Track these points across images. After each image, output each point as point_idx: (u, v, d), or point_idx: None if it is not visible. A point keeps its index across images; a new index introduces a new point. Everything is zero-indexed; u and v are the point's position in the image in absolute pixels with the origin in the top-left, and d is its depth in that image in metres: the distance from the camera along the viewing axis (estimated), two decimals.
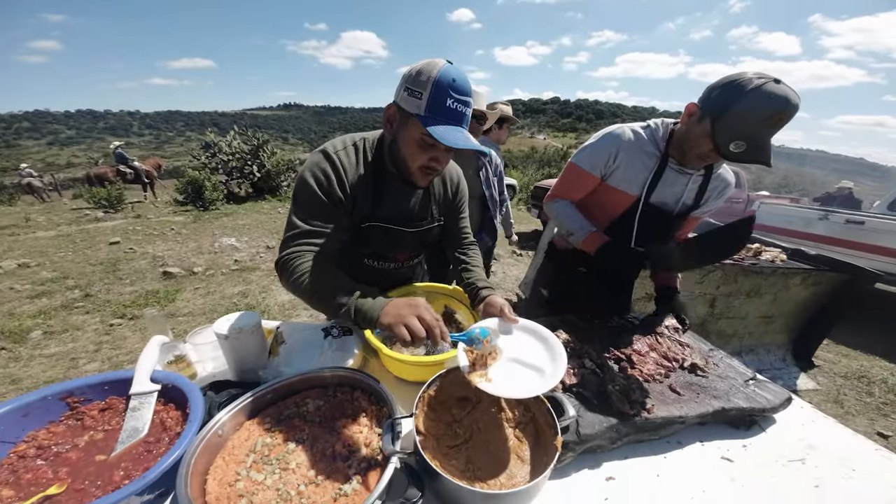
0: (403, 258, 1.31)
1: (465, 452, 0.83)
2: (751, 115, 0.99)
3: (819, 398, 2.98)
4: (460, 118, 0.91)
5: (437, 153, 0.97)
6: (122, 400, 0.92)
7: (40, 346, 3.22)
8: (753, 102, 0.98)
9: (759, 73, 1.00)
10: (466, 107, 0.91)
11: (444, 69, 0.88)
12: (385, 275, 1.33)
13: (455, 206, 1.30)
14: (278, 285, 4.65)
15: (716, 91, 1.07)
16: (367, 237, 1.15)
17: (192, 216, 8.54)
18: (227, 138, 11.16)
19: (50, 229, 7.33)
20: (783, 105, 0.96)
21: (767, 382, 1.13)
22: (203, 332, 1.19)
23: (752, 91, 0.97)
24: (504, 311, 1.02)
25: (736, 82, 1.01)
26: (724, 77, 1.07)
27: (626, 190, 1.34)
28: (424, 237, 1.26)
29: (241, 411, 0.88)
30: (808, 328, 3.18)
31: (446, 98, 0.87)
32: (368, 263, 1.28)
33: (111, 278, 4.72)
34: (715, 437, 1.01)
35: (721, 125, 1.05)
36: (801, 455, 0.97)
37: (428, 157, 0.98)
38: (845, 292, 2.94)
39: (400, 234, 1.18)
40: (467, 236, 1.36)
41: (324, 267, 0.99)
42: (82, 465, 0.79)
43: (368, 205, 1.09)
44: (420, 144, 0.96)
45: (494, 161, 2.55)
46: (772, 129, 1.01)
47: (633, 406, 0.95)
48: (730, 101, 1.02)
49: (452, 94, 0.87)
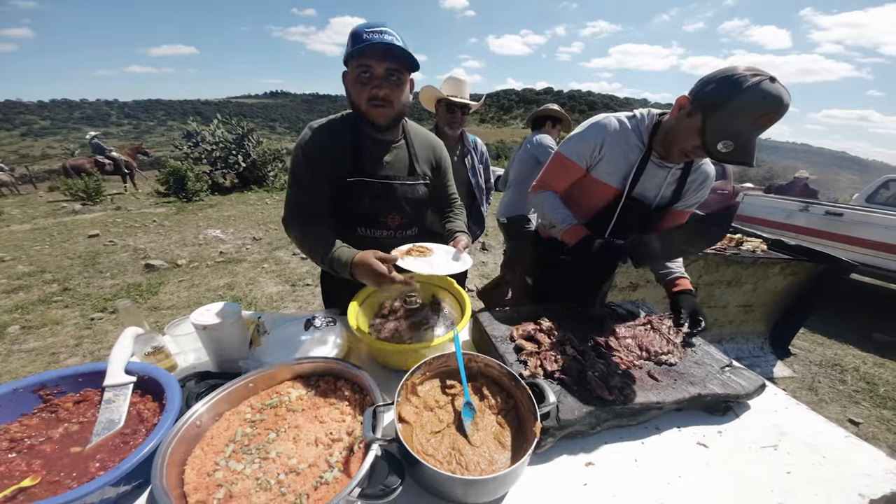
0: (394, 223, 1.34)
1: (448, 438, 0.84)
2: (744, 112, 0.97)
3: (794, 385, 3.08)
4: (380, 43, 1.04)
5: (375, 81, 1.09)
6: (98, 392, 0.90)
7: (18, 341, 3.13)
8: (748, 99, 0.96)
9: (754, 70, 0.98)
10: (386, 34, 1.04)
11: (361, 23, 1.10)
12: (378, 245, 1.32)
13: (440, 171, 1.44)
14: (265, 277, 4.60)
15: (710, 85, 1.03)
16: (356, 194, 1.25)
17: (176, 207, 8.35)
18: (210, 127, 10.88)
19: (25, 223, 7.09)
20: (776, 104, 0.95)
21: (743, 369, 1.15)
22: (182, 324, 1.17)
23: (748, 88, 0.95)
24: (460, 245, 1.26)
25: (732, 77, 0.98)
26: (718, 70, 1.04)
27: (609, 182, 1.34)
28: (411, 194, 1.34)
29: (221, 402, 0.87)
30: (785, 317, 3.27)
31: (361, 34, 1.04)
32: (361, 232, 1.33)
33: (91, 272, 4.60)
34: (691, 422, 1.03)
35: (713, 122, 1.02)
36: (774, 441, 0.99)
37: (370, 88, 1.10)
38: (822, 282, 3.03)
39: (387, 189, 1.27)
40: (454, 200, 1.52)
41: (314, 225, 1.19)
42: (57, 458, 0.78)
43: (349, 161, 1.22)
44: (359, 80, 1.10)
45: (480, 148, 2.53)
46: (760, 129, 0.99)
47: (611, 392, 0.97)
48: (725, 97, 0.99)
49: (365, 31, 1.04)
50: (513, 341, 1.17)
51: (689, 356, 1.19)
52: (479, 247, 5.66)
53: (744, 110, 0.97)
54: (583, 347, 1.13)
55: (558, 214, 1.41)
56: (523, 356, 1.09)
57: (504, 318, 1.31)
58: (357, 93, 1.12)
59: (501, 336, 1.20)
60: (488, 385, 0.98)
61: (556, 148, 2.66)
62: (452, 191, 1.50)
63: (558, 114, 2.95)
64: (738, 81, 0.97)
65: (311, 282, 4.44)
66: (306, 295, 4.18)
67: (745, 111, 0.98)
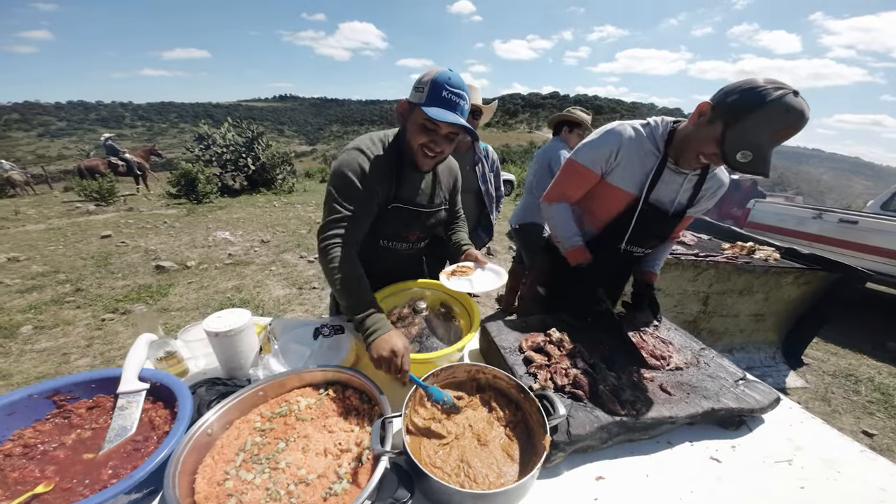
0: (414, 238, 1.43)
1: (457, 450, 0.83)
2: (766, 124, 0.98)
3: (807, 396, 3.01)
4: (454, 107, 1.09)
5: (435, 136, 1.14)
6: (110, 398, 0.91)
7: (31, 342, 3.18)
8: (772, 112, 0.96)
9: (777, 83, 0.98)
10: (460, 98, 1.10)
11: (442, 71, 1.11)
12: (396, 255, 1.45)
13: (454, 189, 1.53)
14: (273, 280, 4.63)
15: (733, 95, 1.03)
16: (389, 217, 1.31)
17: (186, 209, 8.45)
18: (221, 130, 11.02)
19: (40, 222, 7.21)
20: (798, 119, 0.96)
21: (757, 383, 1.14)
22: (195, 329, 1.18)
23: (772, 101, 0.95)
24: (478, 258, 1.37)
25: (757, 90, 0.98)
26: (742, 81, 1.04)
27: (625, 188, 1.33)
28: (434, 218, 1.43)
29: (231, 410, 0.87)
30: (798, 327, 3.20)
31: (442, 90, 1.08)
32: (384, 244, 1.40)
33: (103, 272, 4.67)
34: (704, 437, 1.02)
35: (733, 132, 1.03)
36: (788, 456, 0.97)
37: (428, 139, 1.14)
38: (836, 292, 2.97)
39: (416, 213, 1.35)
40: (459, 213, 1.62)
41: (352, 266, 1.15)
42: (69, 464, 0.78)
43: (392, 189, 1.26)
44: (420, 128, 1.14)
45: (491, 156, 2.51)
46: (778, 142, 1.00)
47: (623, 406, 0.96)
48: (748, 109, 0.99)
49: (447, 87, 1.08)
50: (522, 352, 1.16)
51: (703, 369, 1.18)
52: (485, 252, 5.65)
53: (766, 122, 0.98)
54: (593, 360, 1.12)
55: (565, 231, 1.46)
56: (533, 368, 1.08)
57: (513, 327, 1.31)
58: (414, 135, 1.16)
59: (510, 347, 1.19)
60: (496, 397, 0.97)
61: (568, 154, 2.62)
62: (458, 206, 1.59)
63: (576, 118, 2.87)
64: (762, 94, 0.97)
65: (317, 285, 4.47)
66: (313, 298, 4.20)
67: (767, 123, 0.98)
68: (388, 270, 1.46)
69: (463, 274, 1.30)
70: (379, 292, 1.39)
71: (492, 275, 1.29)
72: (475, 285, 1.23)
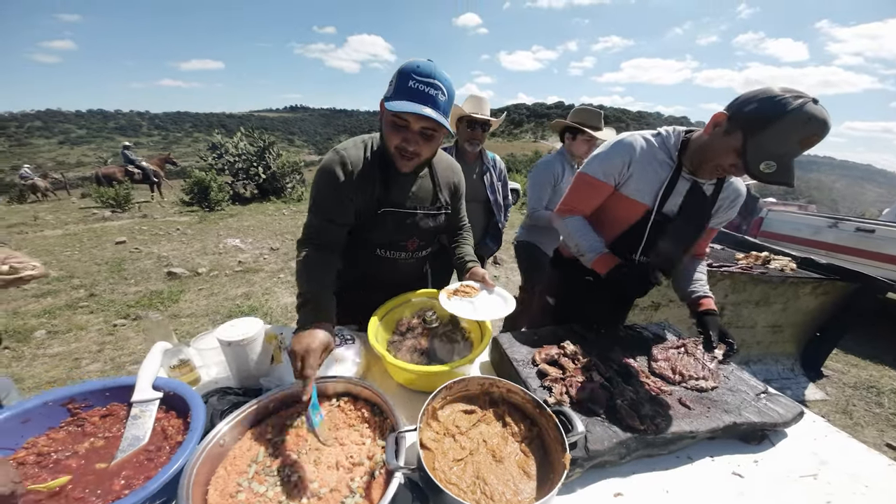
0: (413, 246, 1.36)
1: (472, 466, 0.81)
2: (788, 133, 0.96)
3: (827, 409, 2.93)
4: (424, 98, 0.99)
5: (407, 134, 1.05)
6: (124, 406, 0.91)
7: (44, 346, 3.22)
8: (793, 121, 0.94)
9: (795, 91, 0.96)
10: (430, 87, 0.99)
11: (411, 60, 1.02)
12: (395, 265, 1.37)
13: (457, 193, 1.43)
14: (281, 287, 4.65)
15: (751, 105, 1.01)
16: (382, 223, 1.24)
17: (198, 217, 8.58)
18: (233, 140, 11.22)
19: (58, 228, 7.38)
20: (821, 126, 0.94)
21: (779, 396, 1.10)
22: (207, 337, 1.18)
23: (792, 111, 0.93)
24: (486, 278, 1.29)
25: (776, 99, 0.96)
26: (758, 91, 1.02)
27: (639, 199, 1.31)
28: (433, 222, 1.35)
29: (244, 420, 0.87)
30: (817, 338, 3.13)
31: (408, 80, 0.99)
32: (381, 254, 1.33)
33: (116, 278, 4.74)
34: (725, 451, 0.99)
35: (755, 142, 1.00)
36: (813, 470, 0.95)
37: (400, 138, 1.06)
38: (855, 302, 2.90)
39: (411, 217, 1.27)
40: (463, 223, 1.53)
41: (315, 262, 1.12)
42: (82, 473, 0.78)
43: (378, 192, 1.19)
44: (391, 126, 1.06)
45: (499, 166, 2.53)
46: (803, 150, 0.97)
47: (642, 421, 0.93)
48: (768, 119, 0.97)
49: (414, 77, 0.98)
50: (535, 365, 1.14)
51: (723, 383, 1.14)
52: (492, 261, 5.62)
53: (788, 132, 0.95)
54: (610, 374, 1.09)
55: (587, 242, 1.38)
56: (547, 382, 1.06)
57: (525, 339, 1.29)
58: (388, 135, 1.08)
59: (523, 360, 1.17)
60: (510, 412, 0.95)
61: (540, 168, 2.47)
62: (463, 213, 1.50)
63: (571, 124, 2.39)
64: (782, 103, 0.94)
65: None
66: None
67: (789, 133, 0.95)
68: (389, 282, 1.41)
69: (466, 295, 1.22)
70: (389, 302, 1.38)
71: (499, 301, 1.21)
72: (478, 311, 1.15)
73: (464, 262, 1.40)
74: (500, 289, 1.26)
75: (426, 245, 1.42)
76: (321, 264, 1.12)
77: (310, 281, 1.07)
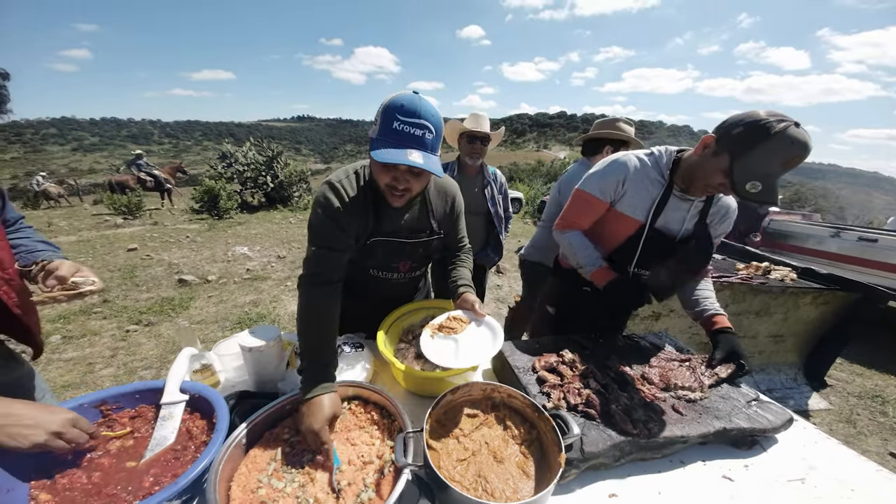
0: (405, 268, 1.37)
1: (474, 466, 0.87)
2: (772, 156, 1.02)
3: (831, 418, 2.93)
4: (410, 139, 0.95)
5: (396, 173, 1.02)
6: (152, 408, 0.98)
7: (59, 351, 3.31)
8: (777, 145, 1.01)
9: (779, 115, 1.03)
10: (416, 128, 0.95)
11: (395, 96, 0.97)
12: (388, 284, 1.40)
13: (454, 220, 1.39)
14: (288, 295, 4.73)
15: (737, 129, 1.08)
16: (372, 251, 1.25)
17: (207, 224, 8.74)
18: (242, 149, 11.44)
19: (71, 234, 7.55)
20: (802, 148, 1.01)
21: (771, 403, 1.15)
22: (226, 343, 1.25)
23: (776, 135, 1.00)
24: (475, 307, 1.20)
25: (760, 123, 1.03)
26: (744, 115, 1.09)
27: (632, 215, 1.38)
28: (425, 248, 1.34)
29: (263, 422, 0.94)
30: (819, 347, 3.13)
31: (392, 120, 0.94)
32: (374, 273, 1.36)
33: (128, 284, 4.85)
34: (716, 456, 1.03)
35: (741, 164, 1.07)
36: (802, 475, 0.99)
37: (390, 177, 1.03)
38: (857, 311, 2.91)
39: (401, 245, 1.27)
40: (463, 244, 1.47)
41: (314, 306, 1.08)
42: (113, 472, 0.84)
43: (371, 223, 1.19)
44: (379, 166, 1.03)
45: (499, 179, 2.65)
46: (786, 171, 1.04)
47: (636, 425, 0.98)
48: (753, 143, 1.04)
49: (399, 117, 0.93)
50: (535, 372, 1.20)
51: (715, 391, 1.19)
52: (494, 270, 5.68)
53: (772, 154, 1.02)
54: (606, 381, 1.15)
55: (585, 256, 1.45)
56: (546, 388, 1.11)
57: (525, 348, 1.34)
58: (377, 174, 1.06)
59: (524, 367, 1.23)
60: (510, 416, 1.01)
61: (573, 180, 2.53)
62: (462, 234, 1.45)
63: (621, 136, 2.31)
64: (766, 128, 1.01)
65: None
66: None
67: (773, 155, 1.02)
68: (382, 298, 1.45)
69: (451, 331, 1.15)
70: (395, 311, 1.45)
71: (486, 336, 1.13)
72: (460, 356, 1.06)
73: (456, 287, 1.33)
74: (490, 319, 1.19)
75: (419, 266, 1.44)
76: (320, 308, 1.08)
77: (308, 335, 1.05)
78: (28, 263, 1.04)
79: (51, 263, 1.03)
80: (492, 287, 5.14)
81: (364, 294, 1.41)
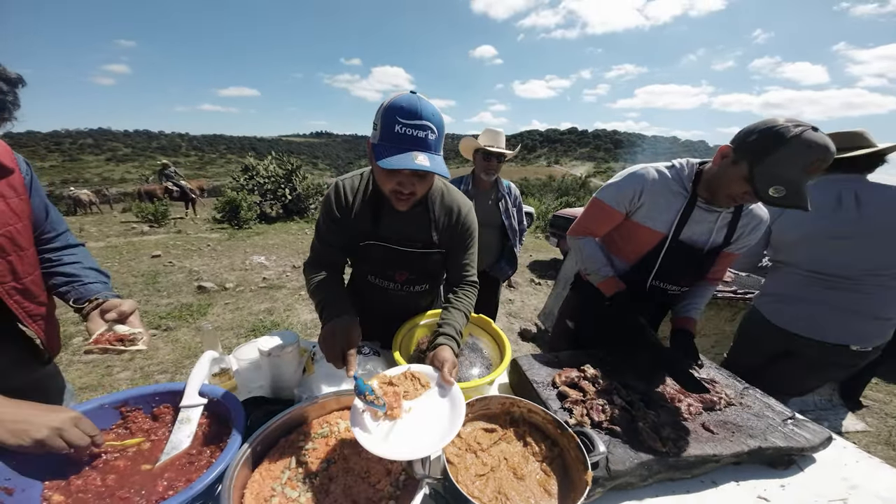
0: (401, 279, 1.33)
1: (493, 482, 0.84)
2: (791, 161, 1.01)
3: (868, 440, 2.77)
4: (413, 141, 0.92)
5: (401, 178, 1.00)
6: (170, 410, 0.98)
7: (79, 352, 3.38)
8: (794, 150, 1.00)
9: (795, 121, 1.02)
10: (418, 129, 0.91)
11: (395, 98, 0.93)
12: (384, 293, 1.38)
13: (459, 238, 1.28)
14: (302, 304, 4.77)
15: (753, 136, 1.08)
16: (367, 254, 1.28)
17: (227, 234, 8.96)
18: (264, 162, 11.80)
19: (100, 240, 7.84)
20: (823, 152, 0.98)
21: (807, 422, 1.09)
22: (245, 348, 1.25)
23: (792, 139, 0.99)
24: (445, 371, 0.93)
25: (775, 129, 1.02)
26: (760, 122, 1.09)
27: (653, 227, 1.35)
28: (423, 261, 1.29)
29: (278, 428, 0.92)
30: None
31: (394, 124, 0.90)
32: (371, 280, 1.37)
33: (150, 290, 4.97)
34: (751, 476, 0.98)
35: (760, 170, 1.05)
36: (843, 495, 0.93)
37: (395, 182, 1.01)
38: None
39: (396, 252, 1.25)
40: (468, 275, 1.33)
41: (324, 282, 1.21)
42: (129, 474, 0.83)
43: (368, 225, 1.23)
44: (384, 172, 1.00)
45: (514, 193, 2.65)
46: (810, 175, 1.02)
47: (664, 443, 0.93)
48: (769, 148, 1.03)
49: (400, 120, 0.90)
50: (555, 387, 1.15)
51: (747, 409, 1.13)
52: (506, 284, 5.62)
53: (790, 159, 1.01)
54: (631, 398, 1.10)
55: (595, 263, 1.47)
56: (567, 404, 1.07)
57: (544, 362, 1.30)
58: (381, 180, 1.06)
59: (543, 382, 1.19)
60: (531, 432, 0.97)
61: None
62: (468, 262, 1.32)
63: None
64: (782, 132, 1.01)
65: None
66: None
67: (792, 159, 1.00)
68: (378, 309, 1.41)
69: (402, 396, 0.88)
70: (409, 321, 1.43)
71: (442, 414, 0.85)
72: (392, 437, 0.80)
73: (436, 335, 1.13)
74: (457, 390, 0.89)
75: (417, 280, 1.35)
76: (327, 278, 1.22)
77: (321, 290, 1.17)
78: (81, 299, 1.04)
79: (106, 303, 1.03)
80: (504, 301, 5.06)
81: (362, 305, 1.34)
